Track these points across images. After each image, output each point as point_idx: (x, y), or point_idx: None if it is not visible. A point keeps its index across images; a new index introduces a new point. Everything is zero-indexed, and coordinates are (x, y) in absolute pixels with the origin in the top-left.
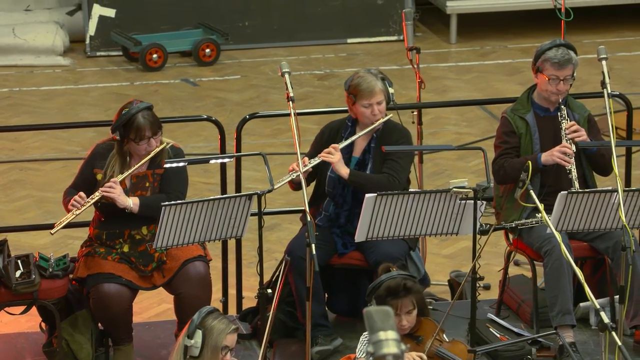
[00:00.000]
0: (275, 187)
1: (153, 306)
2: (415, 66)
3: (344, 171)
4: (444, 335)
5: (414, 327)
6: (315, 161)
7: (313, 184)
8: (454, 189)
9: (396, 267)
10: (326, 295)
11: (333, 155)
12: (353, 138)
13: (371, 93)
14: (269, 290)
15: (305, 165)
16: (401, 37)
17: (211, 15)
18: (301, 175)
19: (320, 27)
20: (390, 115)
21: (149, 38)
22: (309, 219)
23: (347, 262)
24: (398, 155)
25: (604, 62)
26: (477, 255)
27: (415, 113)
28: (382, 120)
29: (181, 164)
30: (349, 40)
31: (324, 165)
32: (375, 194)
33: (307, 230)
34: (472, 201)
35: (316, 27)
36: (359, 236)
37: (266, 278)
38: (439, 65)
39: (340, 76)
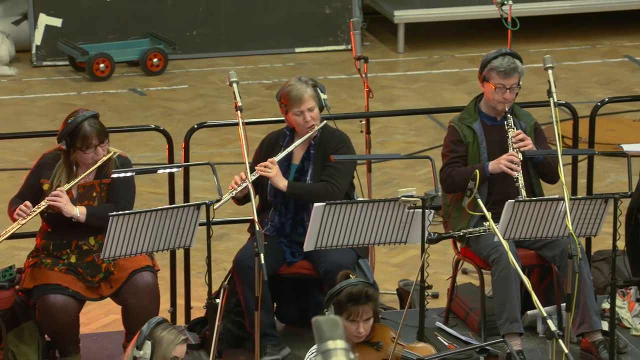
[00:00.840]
0: (215, 207)
1: (101, 317)
2: (364, 75)
3: (282, 184)
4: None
5: (369, 334)
6: (254, 176)
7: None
8: (402, 198)
9: (356, 275)
10: (275, 305)
11: (270, 169)
12: (289, 149)
13: (300, 100)
14: (218, 300)
15: (243, 181)
16: (349, 47)
17: (158, 24)
18: (251, 189)
19: (268, 36)
20: (326, 121)
21: (96, 48)
22: (257, 228)
23: (295, 272)
24: (338, 161)
25: (550, 71)
26: (422, 263)
27: (364, 122)
28: (317, 128)
29: (129, 174)
30: (297, 50)
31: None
32: (324, 204)
33: (256, 240)
34: (421, 210)
35: (264, 36)
36: (308, 245)
37: (215, 288)
38: (387, 75)
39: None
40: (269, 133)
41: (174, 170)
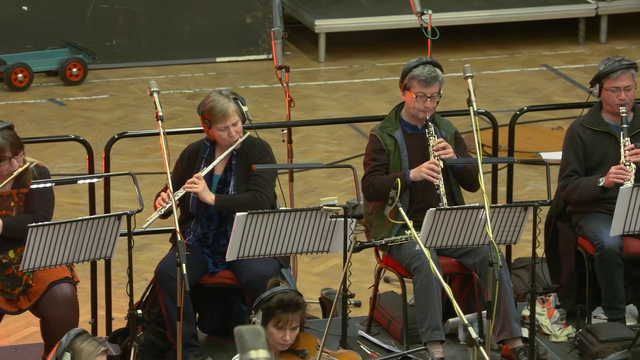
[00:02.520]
0: (144, 227)
1: (20, 329)
2: (285, 85)
3: (210, 198)
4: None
5: (294, 342)
6: (180, 193)
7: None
8: (325, 207)
9: (285, 283)
10: (197, 315)
11: (197, 184)
12: (214, 163)
13: (225, 116)
14: (139, 311)
15: (170, 200)
16: (270, 56)
17: (78, 34)
18: (174, 205)
19: (189, 46)
20: (249, 133)
21: (13, 57)
22: (179, 238)
23: (218, 282)
24: (262, 170)
25: (469, 80)
26: (345, 272)
27: (285, 131)
28: (240, 140)
29: (49, 185)
30: (218, 59)
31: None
32: (246, 213)
33: (178, 250)
34: (343, 219)
35: (185, 46)
36: (230, 255)
37: (136, 299)
38: (308, 84)
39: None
40: (189, 144)
41: (94, 180)
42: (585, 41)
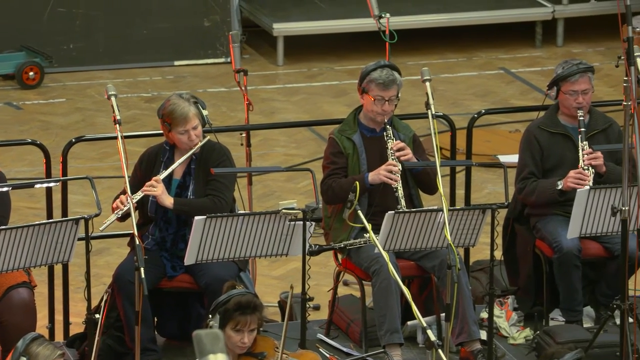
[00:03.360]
0: (101, 228)
1: None
2: (243, 88)
3: (169, 202)
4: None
5: (252, 345)
6: (138, 196)
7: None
8: (283, 211)
9: (242, 286)
10: (155, 319)
11: (156, 188)
12: (173, 166)
13: (185, 119)
14: (97, 316)
15: (127, 202)
16: (228, 60)
17: (34, 37)
18: (132, 207)
19: (146, 49)
20: (208, 137)
21: None
22: (137, 242)
23: (176, 285)
24: (221, 175)
25: (427, 84)
26: (304, 275)
27: (244, 135)
28: (200, 144)
29: (5, 189)
30: (176, 63)
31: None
32: (205, 217)
33: (136, 254)
34: (302, 222)
35: (142, 49)
36: (189, 259)
37: (94, 303)
38: (266, 87)
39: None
40: (148, 148)
41: (51, 184)
42: (542, 44)
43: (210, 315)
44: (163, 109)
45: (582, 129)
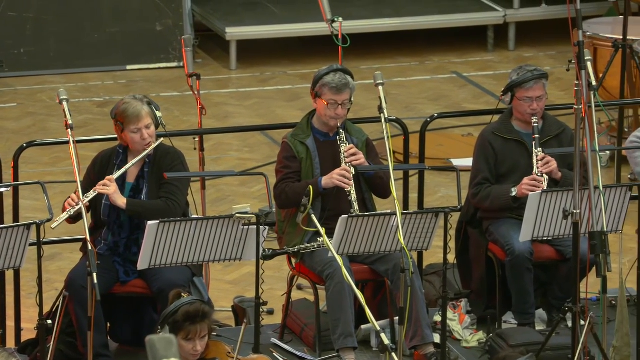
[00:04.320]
0: (53, 226)
1: None
2: (196, 92)
3: (121, 202)
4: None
5: (204, 351)
6: (91, 195)
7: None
8: (237, 215)
9: (188, 294)
10: (108, 325)
11: (109, 187)
12: (127, 167)
13: (138, 117)
14: (49, 321)
15: (81, 201)
16: (181, 64)
17: None
18: (83, 209)
19: (98, 53)
20: (162, 139)
21: None
22: (89, 247)
23: (129, 291)
24: (174, 178)
25: (380, 88)
26: (257, 280)
27: (197, 139)
28: (154, 145)
29: None
30: (129, 67)
31: (99, 194)
32: (157, 222)
33: (88, 259)
34: (255, 226)
35: (94, 53)
36: (142, 264)
37: (46, 309)
38: (219, 92)
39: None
40: (101, 151)
41: (2, 190)
42: (494, 49)
43: (159, 327)
44: (116, 109)
45: (536, 136)
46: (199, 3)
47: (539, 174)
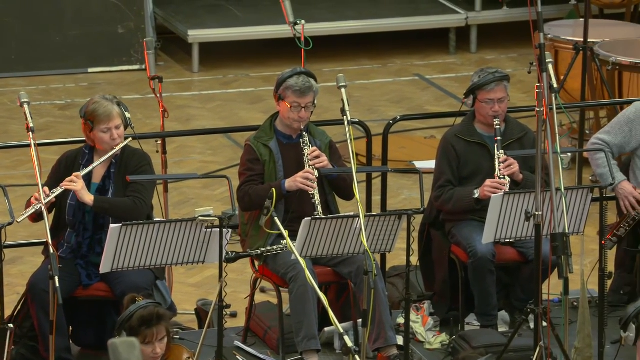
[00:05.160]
0: (19, 220)
1: None
2: (159, 95)
3: (88, 198)
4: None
5: (165, 354)
6: (58, 191)
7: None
8: (200, 218)
9: (142, 297)
10: (70, 329)
11: (76, 183)
12: (95, 165)
13: (109, 117)
14: (11, 325)
15: (47, 196)
16: (143, 67)
17: None
18: (43, 207)
19: (60, 56)
20: (130, 139)
21: None
22: (52, 251)
23: (92, 294)
24: (153, 179)
25: (343, 90)
26: (221, 283)
27: (160, 142)
28: (122, 145)
29: None
30: (90, 70)
31: (63, 194)
32: (120, 225)
33: (50, 262)
34: (218, 229)
35: (56, 56)
36: (104, 267)
37: (7, 313)
38: (182, 94)
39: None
40: (66, 151)
41: None
42: (456, 51)
43: (117, 334)
44: (86, 108)
45: (498, 138)
46: (161, 6)
47: (501, 176)
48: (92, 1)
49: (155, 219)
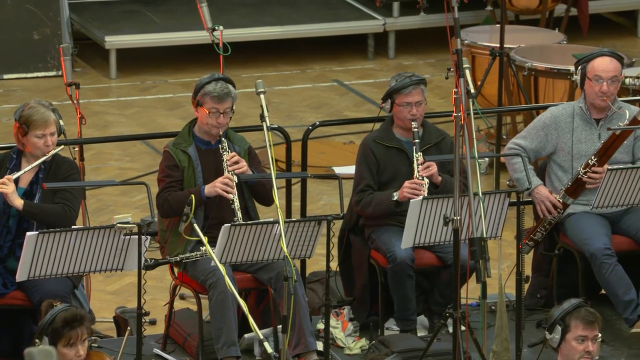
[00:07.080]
0: None
1: None
2: (75, 102)
3: (18, 202)
4: None
5: (85, 359)
6: None
7: None
8: (118, 225)
9: (59, 302)
10: None
11: (7, 186)
12: (28, 168)
13: (45, 124)
14: None
15: None
16: (60, 73)
17: None
18: None
19: None
20: (62, 147)
21: None
22: None
23: (8, 303)
24: (70, 187)
25: (262, 96)
26: (139, 290)
27: (77, 149)
28: (54, 152)
29: None
30: (5, 76)
31: None
32: (37, 232)
33: None
34: (137, 236)
35: None
36: (21, 275)
37: None
38: (99, 101)
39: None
40: None
41: None
42: (375, 57)
43: (37, 340)
44: (21, 112)
45: (417, 140)
46: (77, 11)
47: (420, 178)
48: (7, 6)
49: (73, 226)
